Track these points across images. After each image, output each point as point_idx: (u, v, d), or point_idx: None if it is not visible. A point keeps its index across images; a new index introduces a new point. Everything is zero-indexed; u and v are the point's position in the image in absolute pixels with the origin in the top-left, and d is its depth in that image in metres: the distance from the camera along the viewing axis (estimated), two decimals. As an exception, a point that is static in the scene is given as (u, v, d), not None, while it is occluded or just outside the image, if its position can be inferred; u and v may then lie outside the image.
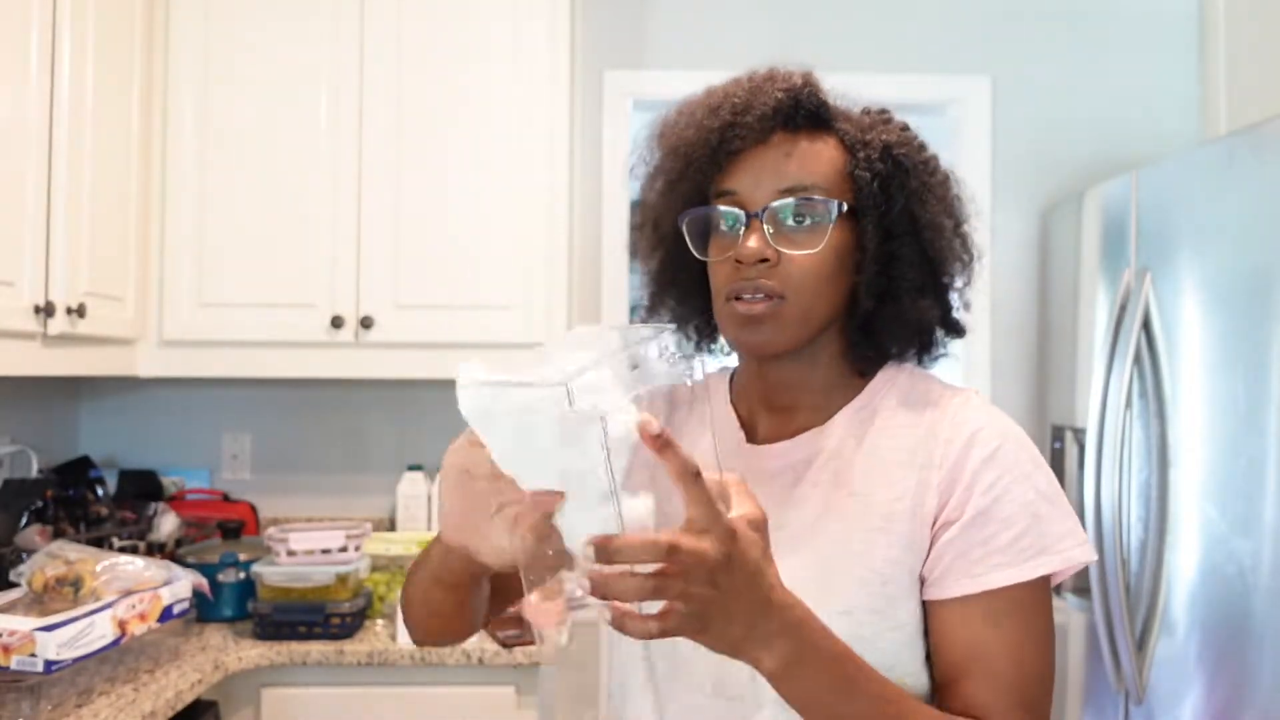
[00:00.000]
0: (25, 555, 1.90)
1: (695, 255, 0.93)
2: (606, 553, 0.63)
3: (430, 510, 2.58)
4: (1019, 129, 2.77)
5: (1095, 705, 2.26)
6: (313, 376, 2.40)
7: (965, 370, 2.72)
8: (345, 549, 2.12)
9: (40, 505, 2.14)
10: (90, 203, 2.01)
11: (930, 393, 0.93)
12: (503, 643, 2.03)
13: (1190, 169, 2.02)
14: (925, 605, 0.87)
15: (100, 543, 2.15)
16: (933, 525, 0.86)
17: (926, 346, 0.97)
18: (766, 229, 0.88)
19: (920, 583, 0.87)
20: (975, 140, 2.77)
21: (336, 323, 2.31)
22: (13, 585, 1.81)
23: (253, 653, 2.00)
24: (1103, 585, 2.11)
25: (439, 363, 2.35)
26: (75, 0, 1.93)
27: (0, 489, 2.13)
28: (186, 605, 1.90)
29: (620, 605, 0.64)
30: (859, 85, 0.97)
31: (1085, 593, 2.24)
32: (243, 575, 2.19)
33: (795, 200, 0.88)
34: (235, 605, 2.18)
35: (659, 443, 0.64)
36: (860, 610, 0.84)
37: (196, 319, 2.33)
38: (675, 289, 0.99)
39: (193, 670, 1.85)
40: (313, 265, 2.33)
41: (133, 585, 1.78)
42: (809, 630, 0.72)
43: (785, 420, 0.95)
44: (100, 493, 2.36)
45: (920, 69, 2.76)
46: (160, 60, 2.32)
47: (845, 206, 0.89)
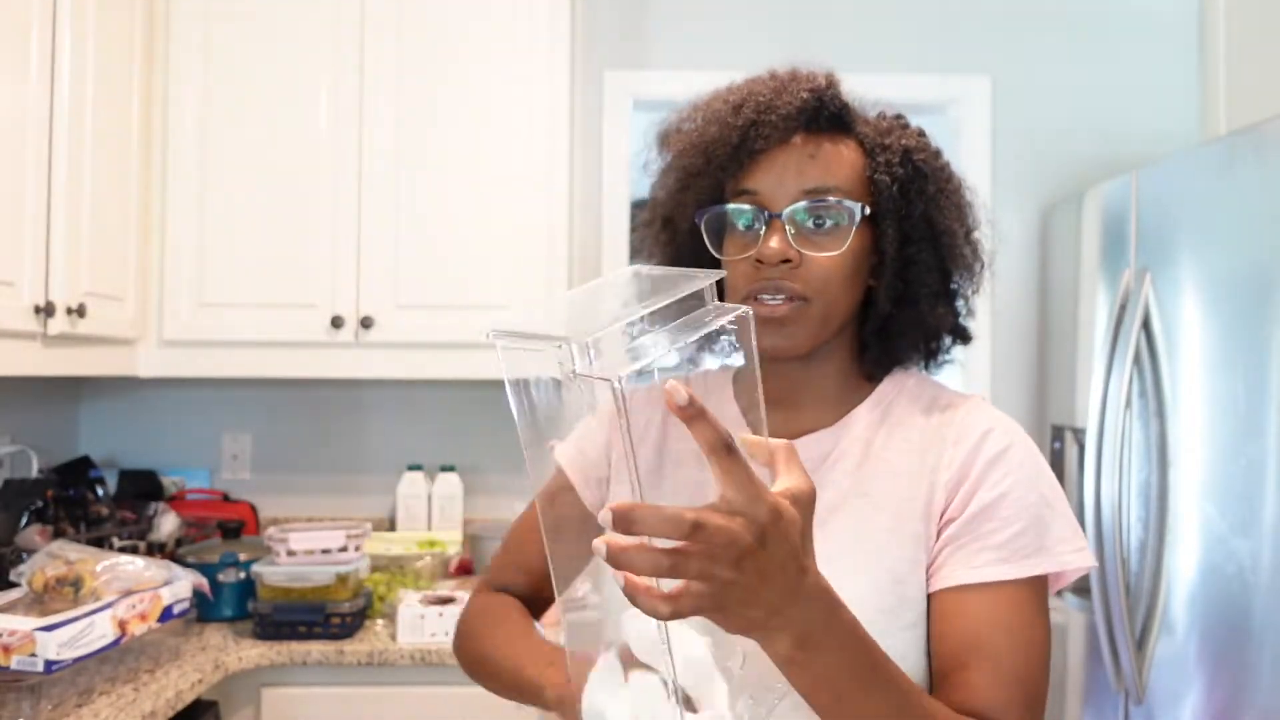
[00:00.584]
0: (25, 555, 1.90)
1: (711, 253, 0.92)
2: (625, 521, 0.57)
3: (430, 510, 2.58)
4: (1019, 129, 2.77)
5: (1095, 705, 2.26)
6: (313, 376, 2.40)
7: (965, 370, 2.72)
8: (345, 549, 2.12)
9: (40, 505, 2.14)
10: (90, 203, 2.01)
11: (939, 398, 0.94)
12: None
13: (1190, 169, 2.02)
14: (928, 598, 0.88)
15: (100, 543, 2.15)
16: (939, 522, 0.87)
17: (934, 352, 0.98)
18: (788, 230, 0.88)
19: (927, 577, 0.88)
20: (975, 140, 2.77)
21: (336, 323, 2.31)
22: (13, 585, 1.81)
23: (253, 653, 2.00)
24: (1103, 585, 2.11)
25: (439, 363, 2.35)
26: (75, 0, 1.93)
27: (0, 489, 2.13)
28: (186, 605, 1.90)
29: (634, 578, 0.59)
30: (860, 85, 0.97)
31: (1085, 593, 2.24)
32: (243, 575, 2.19)
33: (818, 202, 0.88)
34: (235, 605, 2.18)
35: (689, 412, 0.58)
36: (872, 609, 0.84)
37: (196, 319, 2.33)
38: None
39: (193, 670, 1.85)
40: (313, 265, 2.33)
41: (133, 585, 1.79)
42: (837, 617, 0.68)
43: (792, 420, 0.95)
44: (100, 493, 2.36)
45: (920, 69, 2.76)
46: (160, 60, 2.32)
47: (867, 209, 0.89)
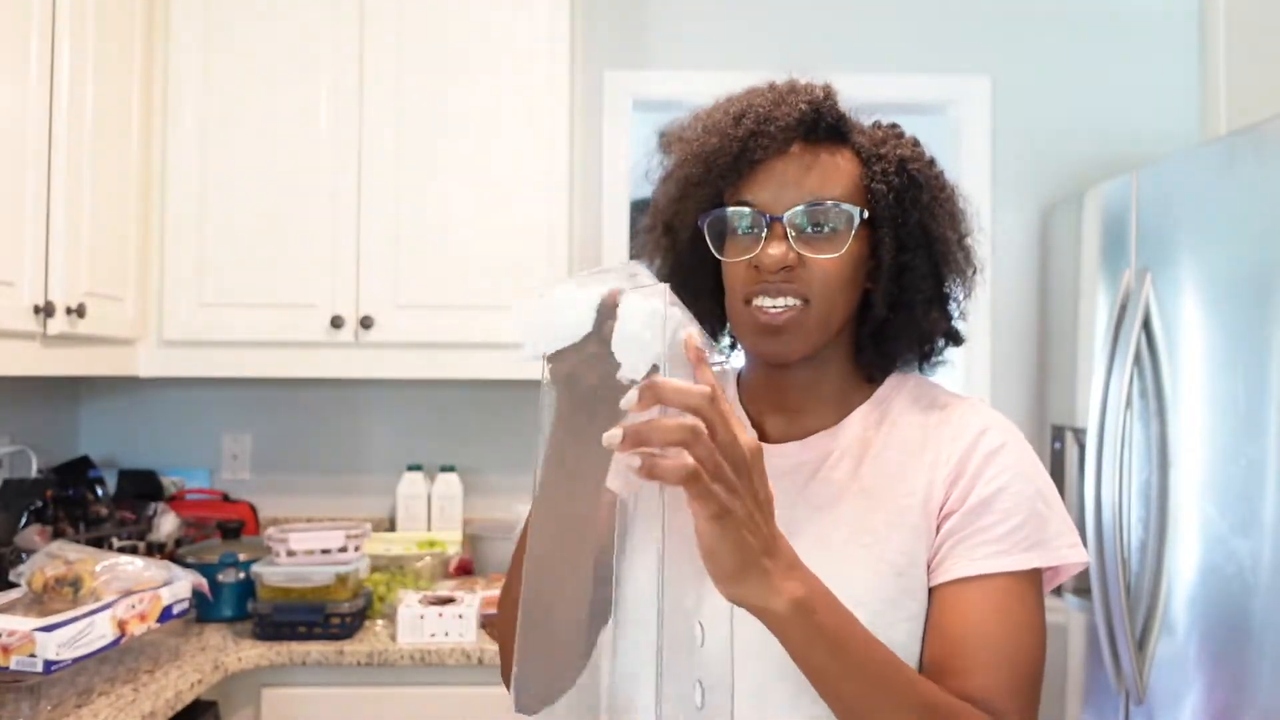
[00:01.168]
0: (25, 555, 1.90)
1: (713, 256, 0.94)
2: (651, 393, 0.65)
3: (430, 510, 2.58)
4: (1019, 129, 2.77)
5: (1095, 705, 2.26)
6: (313, 376, 2.40)
7: (965, 370, 2.72)
8: (345, 549, 2.12)
9: (40, 505, 2.14)
10: (90, 203, 2.01)
11: (938, 398, 0.98)
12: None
13: (1190, 169, 2.02)
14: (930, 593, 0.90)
15: (100, 543, 2.15)
16: (938, 516, 0.90)
17: (928, 355, 1.00)
18: (789, 233, 0.89)
19: (928, 573, 0.90)
20: (975, 140, 2.76)
21: (336, 323, 2.31)
22: (12, 585, 1.81)
23: (252, 653, 2.00)
24: (1103, 585, 2.11)
25: (439, 363, 2.35)
26: (75, 0, 1.93)
27: (0, 489, 2.13)
28: (186, 605, 1.90)
29: (650, 452, 0.65)
30: (859, 85, 0.99)
31: (1085, 593, 2.24)
32: (242, 575, 2.19)
33: (817, 205, 0.90)
34: (235, 605, 2.18)
35: (701, 355, 0.68)
36: (874, 601, 0.86)
37: (196, 319, 2.33)
38: (686, 291, 1.00)
39: (193, 670, 1.85)
40: (313, 265, 2.33)
41: (132, 585, 1.78)
42: (812, 577, 0.73)
43: (794, 422, 0.98)
44: (100, 493, 2.36)
45: (920, 69, 2.76)
46: (160, 60, 2.32)
47: (865, 214, 0.92)
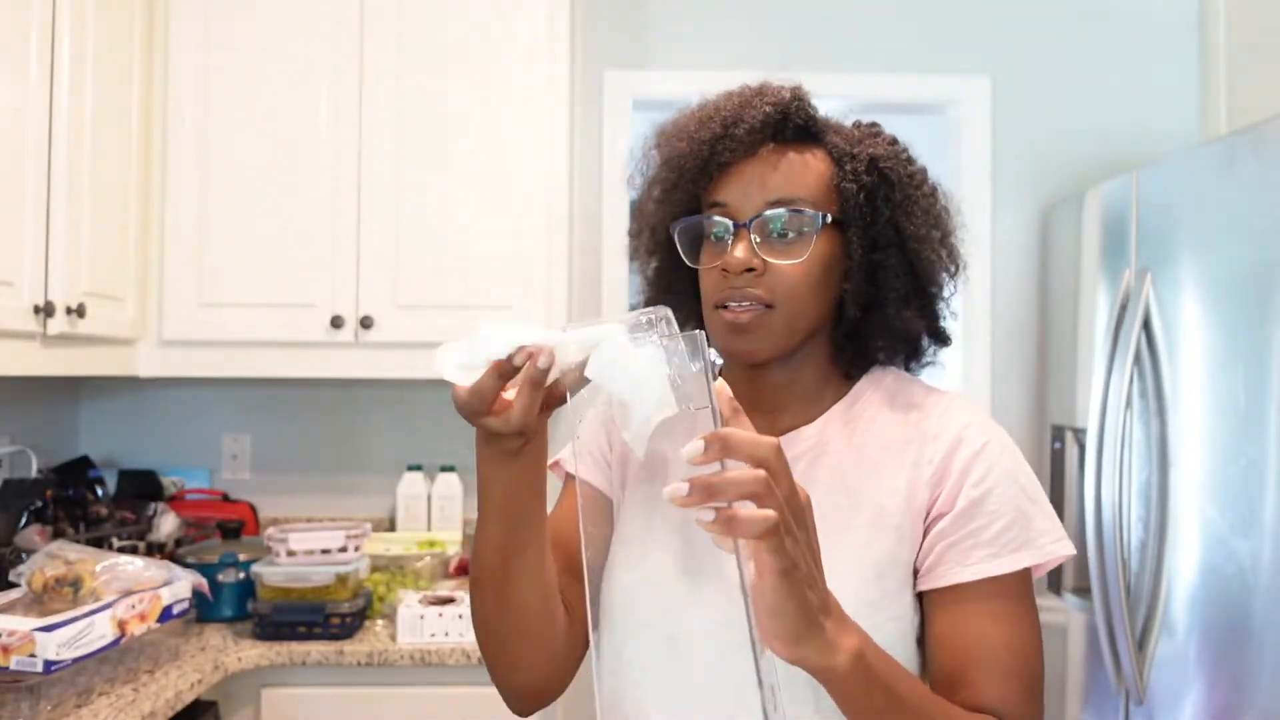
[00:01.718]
0: (25, 555, 1.90)
1: (688, 263, 0.96)
2: (720, 445, 0.62)
3: (430, 510, 2.58)
4: (1019, 129, 2.77)
5: (1095, 705, 2.26)
6: (313, 376, 2.40)
7: (965, 370, 2.72)
8: (345, 549, 2.12)
9: (40, 505, 2.14)
10: (90, 203, 2.01)
11: (915, 394, 0.98)
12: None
13: (1190, 169, 2.02)
14: (920, 596, 0.91)
15: (100, 543, 2.15)
16: (925, 518, 0.91)
17: (914, 355, 1.01)
18: (754, 239, 0.90)
19: (914, 574, 0.91)
20: (975, 140, 2.76)
21: (336, 323, 2.31)
22: (12, 585, 1.81)
23: (252, 653, 2.00)
24: (1103, 585, 2.11)
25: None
26: (75, 0, 1.93)
27: (0, 489, 2.12)
28: (186, 605, 1.90)
29: (724, 507, 0.62)
30: (860, 85, 0.99)
31: (1085, 593, 2.24)
32: (242, 575, 2.19)
33: (781, 211, 0.91)
34: (235, 605, 2.18)
35: (734, 405, 0.67)
36: (857, 603, 0.85)
37: (196, 319, 2.33)
38: (671, 295, 1.01)
39: (193, 670, 1.85)
40: (313, 265, 2.33)
41: (132, 585, 1.78)
42: (856, 625, 0.73)
43: (772, 422, 0.98)
44: (100, 493, 2.36)
45: (920, 69, 2.76)
46: (160, 60, 2.32)
47: (829, 218, 0.92)
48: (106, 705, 1.65)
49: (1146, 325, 2.08)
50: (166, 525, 2.35)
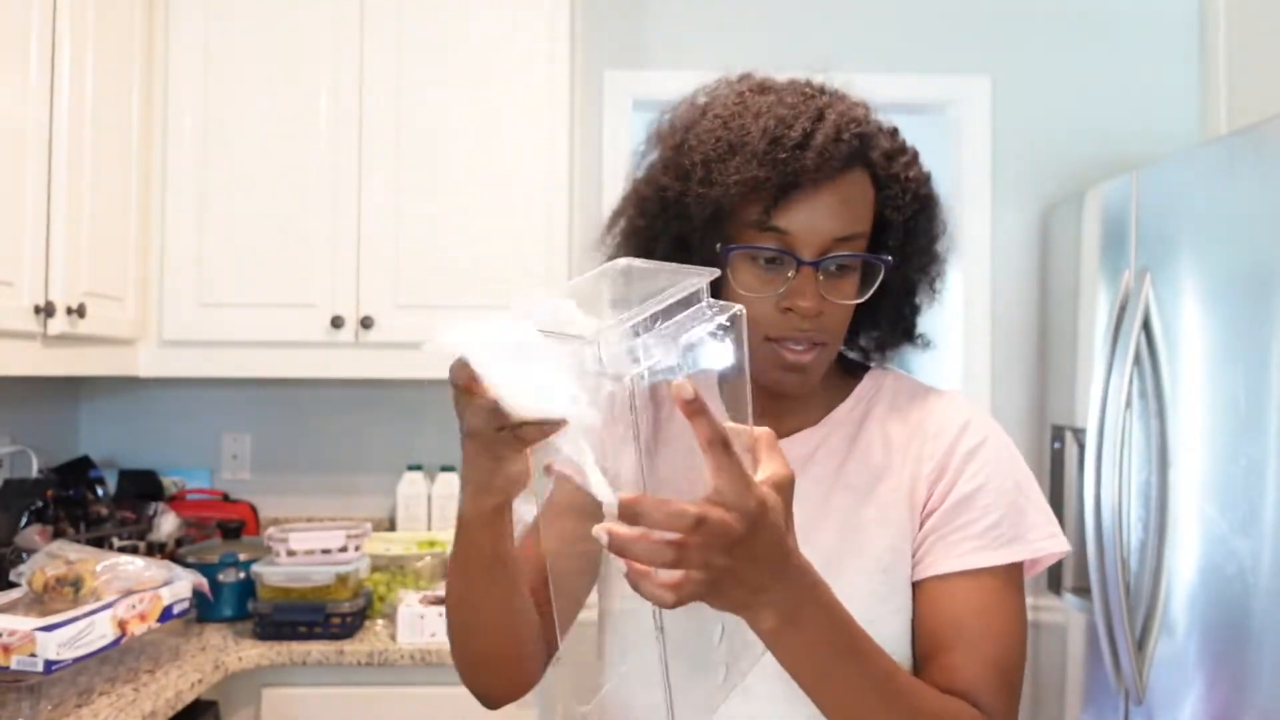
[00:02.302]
0: (25, 555, 1.90)
1: (701, 258, 0.88)
2: (631, 512, 0.60)
3: (430, 510, 2.58)
4: (1019, 129, 2.77)
5: (1095, 705, 2.26)
6: (313, 376, 2.40)
7: (965, 370, 2.72)
8: (345, 549, 2.12)
9: (40, 505, 2.14)
10: (90, 203, 2.01)
11: (916, 394, 0.99)
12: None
13: (1190, 169, 2.02)
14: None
15: (100, 543, 2.15)
16: (921, 512, 0.92)
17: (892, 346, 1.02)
18: (819, 278, 0.88)
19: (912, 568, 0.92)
20: (975, 140, 2.76)
21: (336, 323, 2.31)
22: (13, 585, 1.81)
23: (253, 653, 2.00)
24: (1103, 585, 2.11)
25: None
26: (75, 1, 1.93)
27: (0, 489, 2.12)
28: (186, 605, 1.90)
29: (638, 566, 0.62)
30: (860, 85, 0.98)
31: (1085, 593, 2.24)
32: (243, 575, 2.19)
33: (849, 255, 0.88)
34: (235, 605, 2.18)
35: (693, 408, 0.62)
36: (862, 597, 0.86)
37: (196, 319, 2.33)
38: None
39: (193, 670, 1.85)
40: (313, 265, 2.33)
41: (133, 585, 1.78)
42: (816, 594, 0.71)
43: (776, 423, 0.95)
44: (100, 493, 2.36)
45: (920, 69, 2.76)
46: (160, 60, 2.32)
47: (891, 260, 0.91)
48: (107, 705, 1.65)
49: (1146, 325, 2.08)
50: (167, 525, 2.35)
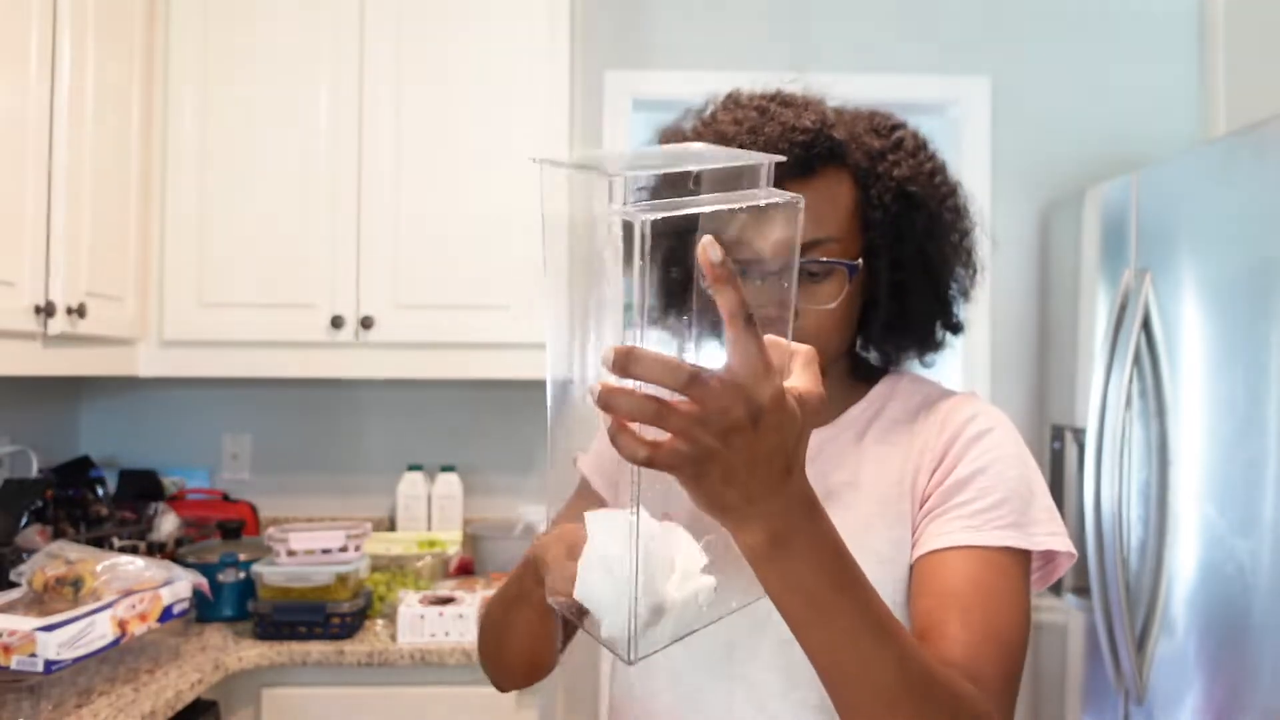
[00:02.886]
0: (25, 555, 1.90)
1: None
2: (625, 360, 0.56)
3: (430, 510, 2.58)
4: (1019, 129, 2.77)
5: (1095, 705, 2.26)
6: (313, 376, 2.40)
7: (965, 370, 2.72)
8: (345, 549, 2.12)
9: (40, 505, 2.14)
10: (90, 203, 2.01)
11: (932, 394, 0.98)
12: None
13: (1190, 169, 2.02)
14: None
15: (100, 543, 2.15)
16: (920, 497, 0.91)
17: (925, 349, 1.00)
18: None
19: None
20: (975, 140, 2.77)
21: (336, 323, 2.31)
22: (13, 585, 1.81)
23: (253, 653, 2.00)
24: (1103, 585, 2.11)
25: (439, 363, 2.35)
26: (75, 0, 1.93)
27: (0, 489, 2.12)
28: (186, 605, 1.90)
29: (620, 419, 0.58)
30: (860, 85, 0.98)
31: (1085, 592, 2.24)
32: (243, 575, 2.19)
33: (813, 261, 0.87)
34: (235, 605, 2.18)
35: (719, 272, 0.56)
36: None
37: (196, 319, 2.33)
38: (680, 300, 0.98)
39: (193, 670, 1.85)
40: (313, 265, 2.33)
41: (133, 585, 1.78)
42: (814, 520, 0.65)
43: None
44: (100, 493, 2.36)
45: (920, 69, 2.76)
46: (160, 60, 2.32)
47: (860, 262, 0.89)
48: (107, 705, 1.65)
49: (1146, 325, 2.08)
50: (167, 525, 2.35)
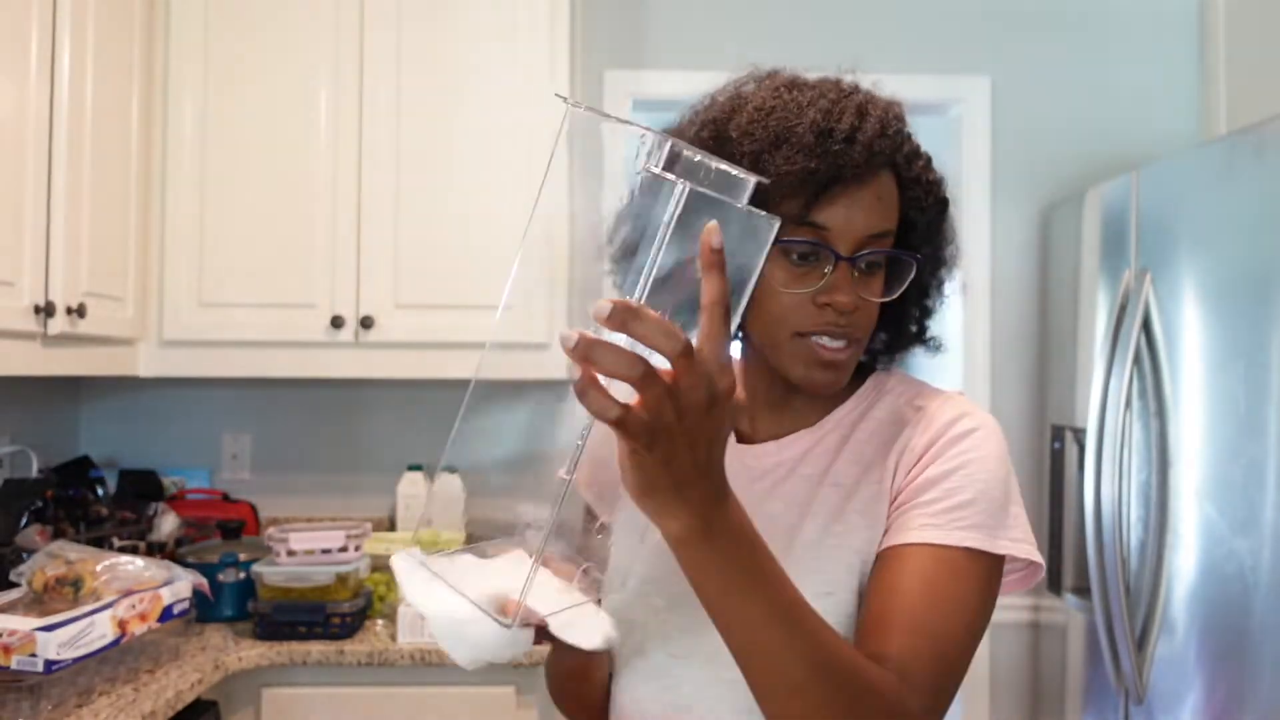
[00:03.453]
0: (25, 555, 1.90)
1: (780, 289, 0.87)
2: (623, 316, 0.56)
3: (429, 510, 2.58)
4: (1019, 129, 2.77)
5: (1095, 705, 2.26)
6: (313, 376, 2.40)
7: (966, 370, 2.72)
8: (345, 549, 2.12)
9: (40, 505, 2.14)
10: (90, 203, 2.01)
11: (918, 394, 0.96)
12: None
13: (1190, 169, 2.02)
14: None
15: (100, 543, 2.15)
16: (894, 501, 0.89)
17: (910, 349, 1.01)
18: (853, 274, 0.87)
19: None
20: (975, 140, 2.77)
21: (337, 323, 2.31)
22: (13, 585, 1.81)
23: (253, 653, 2.00)
24: (1103, 585, 2.11)
25: (439, 363, 2.35)
26: (75, 1, 1.93)
27: (0, 489, 2.13)
28: (186, 605, 1.90)
29: (591, 374, 0.57)
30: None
31: (1085, 592, 2.24)
32: (243, 575, 2.19)
33: (883, 251, 0.88)
34: (235, 605, 2.18)
35: (712, 259, 0.57)
36: (843, 590, 0.86)
37: (196, 319, 2.33)
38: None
39: (193, 670, 1.85)
40: (313, 265, 2.33)
41: (133, 585, 1.78)
42: (729, 508, 0.66)
43: (778, 421, 0.97)
44: (100, 493, 2.36)
45: (920, 69, 2.76)
46: (160, 60, 2.32)
47: (920, 258, 0.90)
48: (107, 705, 1.65)
49: (1146, 325, 2.08)
50: (167, 525, 2.35)
